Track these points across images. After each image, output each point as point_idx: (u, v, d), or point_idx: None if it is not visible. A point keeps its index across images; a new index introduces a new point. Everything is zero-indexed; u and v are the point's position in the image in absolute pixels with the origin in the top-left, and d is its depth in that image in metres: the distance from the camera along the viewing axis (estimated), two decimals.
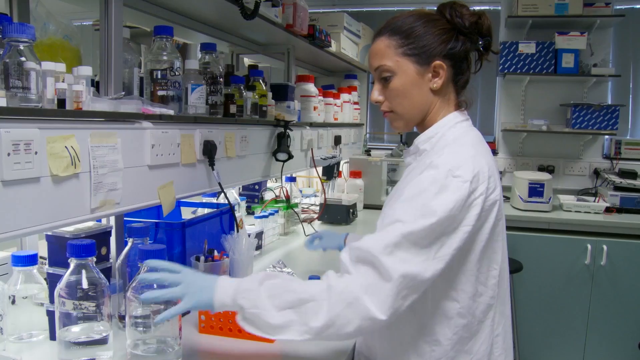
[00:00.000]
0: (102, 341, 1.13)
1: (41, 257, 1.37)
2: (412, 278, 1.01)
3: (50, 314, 1.23)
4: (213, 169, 1.60)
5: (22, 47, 1.02)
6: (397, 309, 1.01)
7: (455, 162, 1.07)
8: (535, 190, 3.37)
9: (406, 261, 1.01)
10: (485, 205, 1.08)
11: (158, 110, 1.37)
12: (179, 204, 1.89)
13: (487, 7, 4.02)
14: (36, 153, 1.01)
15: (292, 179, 2.70)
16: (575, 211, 3.40)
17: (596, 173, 3.83)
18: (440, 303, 1.12)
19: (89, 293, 1.09)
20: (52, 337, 1.24)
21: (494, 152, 3.91)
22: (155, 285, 1.10)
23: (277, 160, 2.14)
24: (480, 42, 1.19)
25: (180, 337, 1.16)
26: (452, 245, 1.05)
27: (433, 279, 1.04)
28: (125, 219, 1.49)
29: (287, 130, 2.14)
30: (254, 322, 1.05)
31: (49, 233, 1.26)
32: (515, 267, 3.03)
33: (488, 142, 1.21)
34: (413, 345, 1.14)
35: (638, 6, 3.80)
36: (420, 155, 1.21)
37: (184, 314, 1.44)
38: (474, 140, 1.17)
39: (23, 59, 1.02)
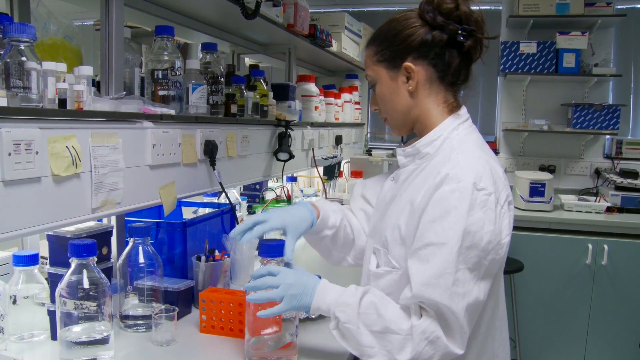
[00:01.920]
0: (104, 341, 1.13)
1: (42, 257, 1.37)
2: (473, 306, 1.03)
3: (52, 314, 1.24)
4: (214, 169, 1.61)
5: (23, 47, 1.02)
6: (467, 336, 1.04)
7: (474, 172, 1.04)
8: (537, 190, 3.37)
9: (466, 295, 1.01)
10: (510, 211, 1.09)
11: (159, 110, 1.36)
12: (180, 203, 1.89)
13: (489, 7, 4.01)
14: (37, 153, 1.01)
15: (293, 179, 2.70)
16: (577, 211, 3.40)
17: (597, 173, 3.83)
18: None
19: (90, 293, 1.09)
20: (54, 336, 1.24)
21: (495, 152, 3.91)
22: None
23: (278, 160, 2.14)
24: (459, 32, 1.10)
25: (296, 334, 1.19)
26: (498, 260, 1.06)
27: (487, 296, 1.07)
28: (126, 218, 1.49)
29: (288, 130, 2.14)
30: (345, 335, 1.08)
31: (50, 233, 1.26)
32: (516, 266, 3.03)
33: (489, 142, 1.19)
34: None
35: (639, 6, 3.80)
36: (422, 159, 1.16)
37: (181, 314, 1.44)
38: (478, 142, 1.14)
39: (24, 58, 1.01)
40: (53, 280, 1.25)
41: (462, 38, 1.11)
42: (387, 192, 1.24)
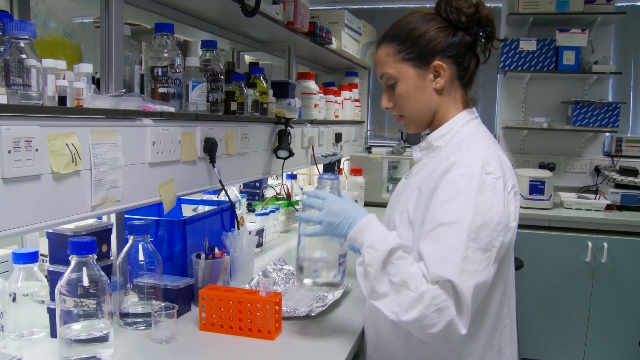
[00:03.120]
0: (103, 339, 1.13)
1: (42, 255, 1.37)
2: (481, 287, 1.04)
3: (51, 312, 1.23)
4: (214, 166, 1.60)
5: (22, 44, 1.02)
6: (469, 317, 1.04)
7: (482, 158, 1.08)
8: (536, 187, 3.36)
9: (476, 273, 1.02)
10: (517, 201, 1.12)
11: (159, 107, 1.36)
12: (180, 201, 1.89)
13: (488, 4, 4.00)
14: (37, 150, 1.01)
15: (292, 177, 2.70)
16: (576, 209, 3.40)
17: (597, 170, 3.83)
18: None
19: (90, 290, 1.09)
20: (53, 334, 1.24)
21: None
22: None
23: (277, 157, 2.13)
24: (481, 34, 1.18)
25: (342, 262, 1.25)
26: (506, 243, 1.08)
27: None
28: (126, 216, 1.49)
29: (288, 128, 2.14)
30: (365, 275, 1.09)
31: (50, 230, 1.26)
32: (516, 264, 3.00)
33: None
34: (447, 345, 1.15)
35: (639, 3, 3.80)
36: (434, 152, 1.21)
37: (181, 312, 1.44)
38: (486, 136, 1.19)
39: (23, 56, 1.01)
40: (53, 278, 1.25)
41: (483, 40, 1.18)
42: (401, 186, 1.29)
